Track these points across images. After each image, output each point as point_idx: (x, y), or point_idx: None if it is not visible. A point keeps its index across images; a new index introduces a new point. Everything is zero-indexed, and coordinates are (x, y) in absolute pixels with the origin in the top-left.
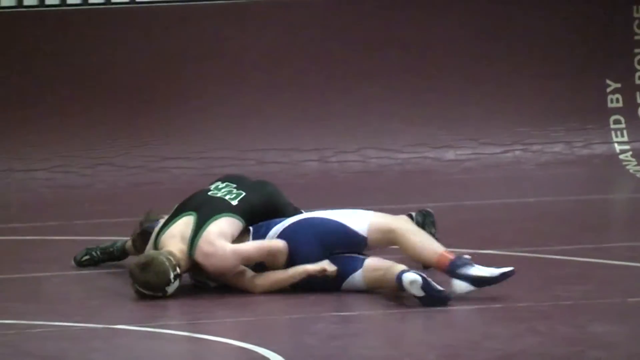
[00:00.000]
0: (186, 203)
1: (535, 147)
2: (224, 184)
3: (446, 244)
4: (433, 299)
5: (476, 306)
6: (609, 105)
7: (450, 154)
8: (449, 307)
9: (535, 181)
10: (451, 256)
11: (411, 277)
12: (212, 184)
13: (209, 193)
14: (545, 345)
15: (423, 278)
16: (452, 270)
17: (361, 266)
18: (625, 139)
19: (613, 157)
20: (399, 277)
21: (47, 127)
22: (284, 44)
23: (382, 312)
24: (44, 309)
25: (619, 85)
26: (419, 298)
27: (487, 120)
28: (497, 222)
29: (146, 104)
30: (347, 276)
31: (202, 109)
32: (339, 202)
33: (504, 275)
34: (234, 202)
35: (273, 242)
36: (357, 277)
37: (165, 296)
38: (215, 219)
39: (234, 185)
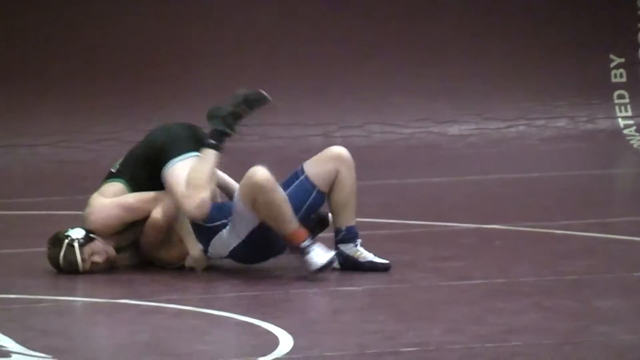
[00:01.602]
0: None
1: (539, 122)
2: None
3: (450, 219)
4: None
5: (480, 281)
6: (613, 80)
7: (454, 129)
8: (452, 283)
9: (539, 156)
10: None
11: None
12: None
13: None
14: (549, 320)
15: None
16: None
17: None
18: (629, 113)
19: (617, 132)
20: None
21: (51, 102)
22: (288, 18)
23: (385, 287)
24: (48, 284)
25: (622, 60)
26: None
27: (491, 95)
28: (500, 197)
29: (150, 79)
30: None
31: (205, 84)
32: None
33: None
34: (116, 167)
35: (159, 193)
36: None
37: (80, 244)
38: (96, 194)
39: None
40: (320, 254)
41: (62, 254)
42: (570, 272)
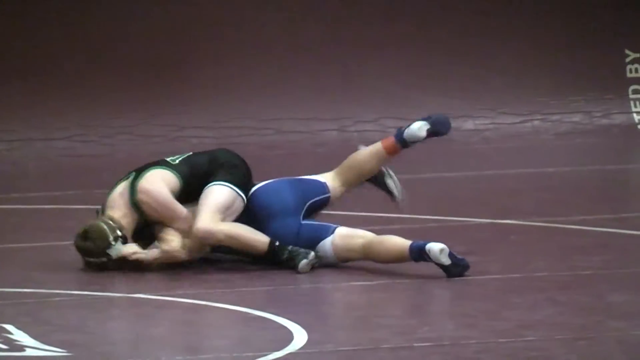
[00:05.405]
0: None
1: (554, 117)
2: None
3: (465, 214)
4: (457, 267)
5: (494, 276)
6: (628, 75)
7: (469, 124)
8: (467, 277)
9: (554, 151)
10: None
11: (440, 246)
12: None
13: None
14: (564, 315)
15: (447, 247)
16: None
17: (332, 233)
18: None
19: (632, 126)
20: (418, 247)
21: (66, 97)
22: (303, 14)
23: (400, 282)
24: (63, 278)
25: (638, 55)
26: (445, 267)
27: (506, 90)
28: (515, 192)
29: (165, 74)
30: (317, 243)
31: (221, 79)
32: None
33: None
34: (175, 162)
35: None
36: (327, 244)
37: (111, 261)
38: (151, 170)
39: (191, 153)
40: None
41: (95, 260)
42: (584, 267)
